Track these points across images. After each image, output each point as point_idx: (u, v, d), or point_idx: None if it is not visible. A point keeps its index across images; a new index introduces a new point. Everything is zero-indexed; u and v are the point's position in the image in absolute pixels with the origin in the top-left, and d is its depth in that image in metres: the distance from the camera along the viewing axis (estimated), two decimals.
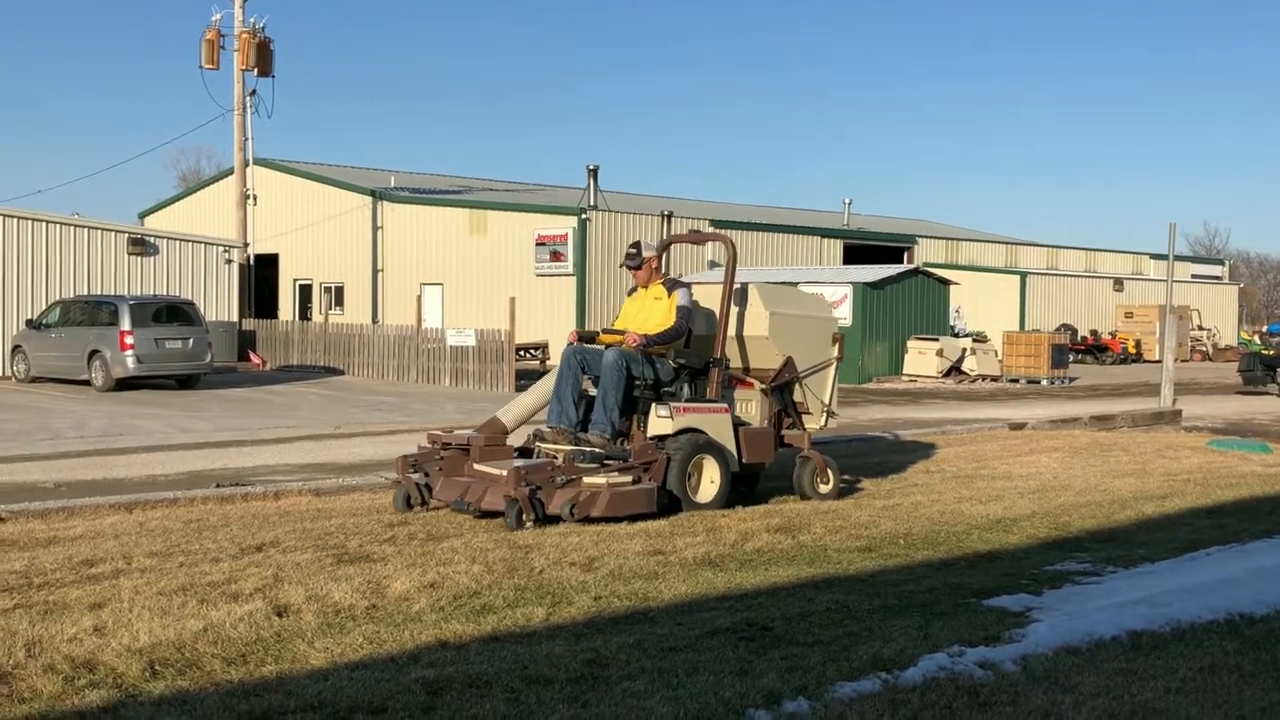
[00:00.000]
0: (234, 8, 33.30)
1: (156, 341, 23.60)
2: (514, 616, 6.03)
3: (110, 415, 18.83)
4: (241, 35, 32.99)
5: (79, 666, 5.08)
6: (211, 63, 33.39)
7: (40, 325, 25.54)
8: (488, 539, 8.06)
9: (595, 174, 37.03)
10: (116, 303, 24.18)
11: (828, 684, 4.87)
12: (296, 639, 5.56)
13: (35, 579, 6.81)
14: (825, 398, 10.64)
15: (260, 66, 33.20)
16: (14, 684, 4.85)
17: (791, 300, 11.14)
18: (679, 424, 9.22)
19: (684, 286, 9.83)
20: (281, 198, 41.39)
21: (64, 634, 5.49)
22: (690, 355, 9.63)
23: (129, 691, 4.82)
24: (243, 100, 33.65)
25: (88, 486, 11.03)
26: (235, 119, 33.89)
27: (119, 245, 29.87)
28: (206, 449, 14.35)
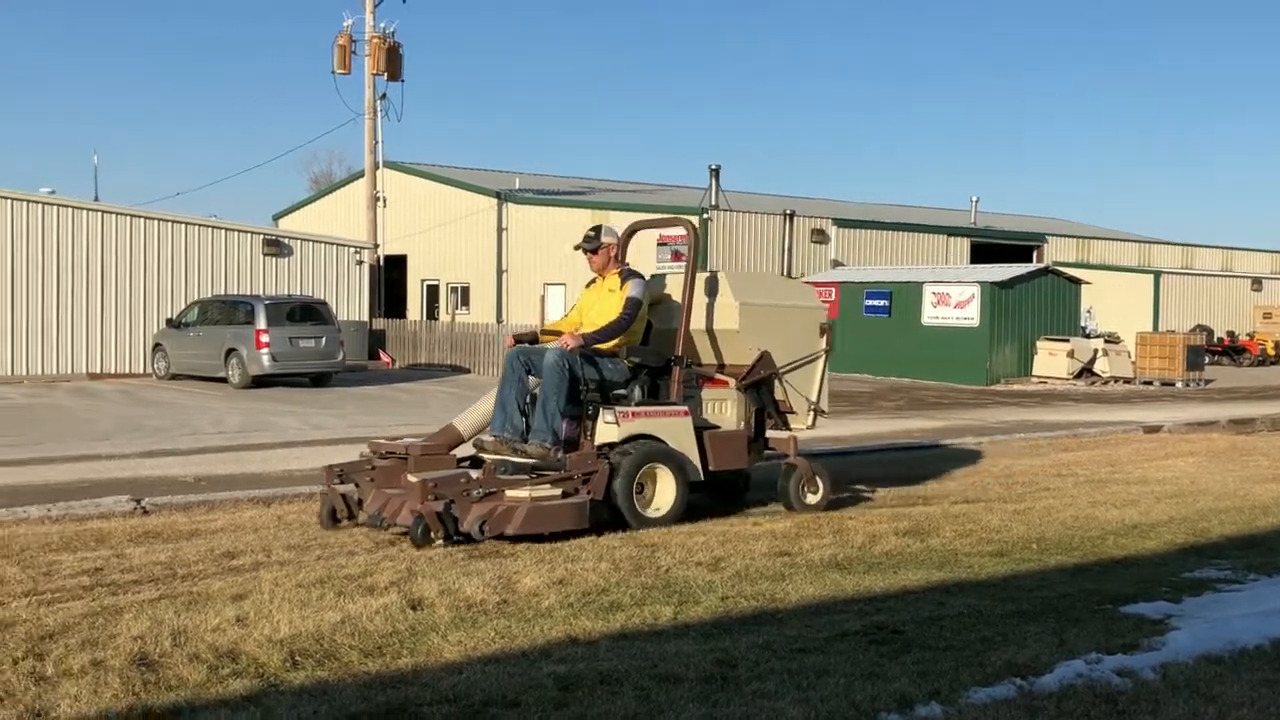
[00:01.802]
0: (365, 13, 34.00)
1: (291, 340, 24.20)
2: (642, 614, 6.06)
3: (246, 412, 19.35)
4: (372, 40, 33.66)
5: (222, 656, 5.25)
6: (343, 68, 34.13)
7: (180, 324, 26.36)
8: (614, 537, 8.12)
9: (717, 173, 36.98)
10: (252, 302, 24.86)
11: (961, 689, 4.81)
12: (430, 632, 5.67)
13: (179, 570, 7.04)
14: (813, 395, 9.82)
15: (390, 71, 33.83)
16: (161, 672, 5.02)
17: (767, 289, 10.34)
18: (627, 430, 8.50)
19: (638, 277, 9.05)
20: (410, 200, 42.13)
21: (208, 624, 5.68)
22: (647, 353, 8.96)
23: (270, 681, 4.96)
24: (373, 104, 34.33)
25: (226, 481, 11.36)
26: (366, 123, 34.58)
27: (254, 246, 30.70)
28: (339, 445, 14.65)
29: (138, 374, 27.81)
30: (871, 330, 31.50)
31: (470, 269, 41.97)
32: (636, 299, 8.83)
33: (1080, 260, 44.31)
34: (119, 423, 17.32)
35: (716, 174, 37.02)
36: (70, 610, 5.96)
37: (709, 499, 9.51)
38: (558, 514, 7.93)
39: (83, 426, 16.62)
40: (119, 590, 6.45)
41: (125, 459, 13.14)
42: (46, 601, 6.16)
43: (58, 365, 27.62)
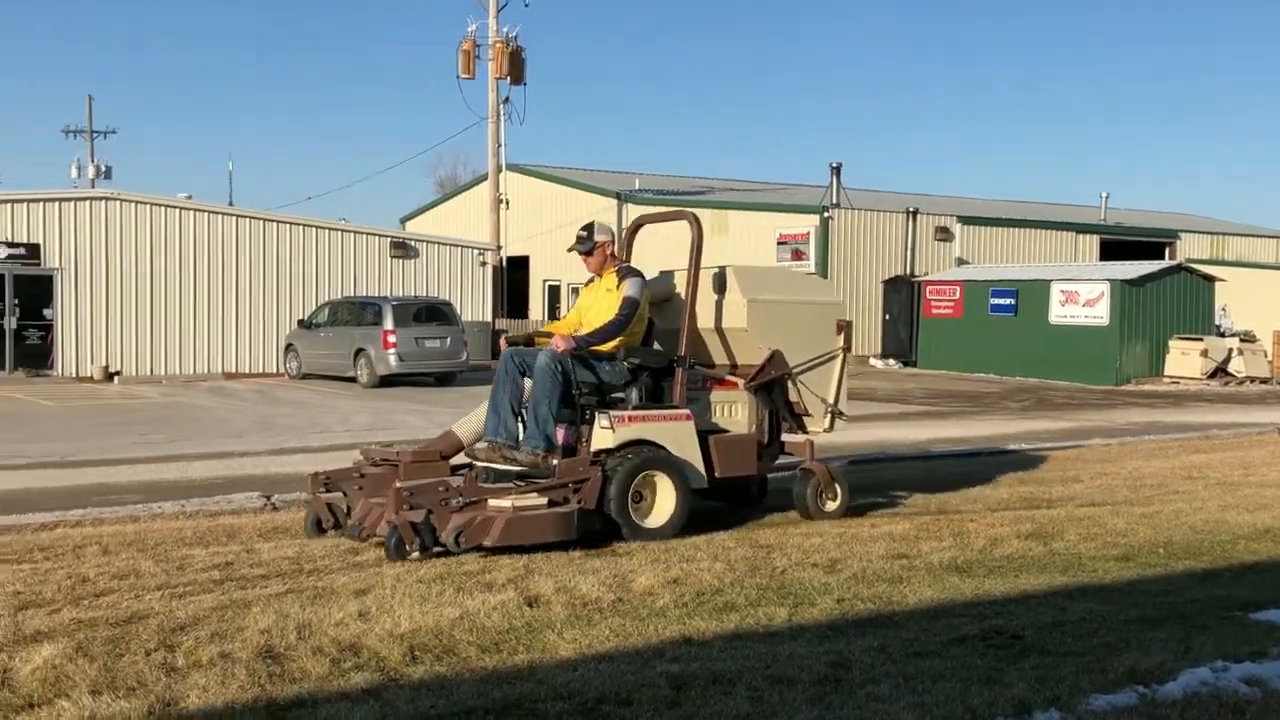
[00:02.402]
0: (488, 18, 34.47)
1: (417, 340, 24.65)
2: (756, 615, 6.06)
3: (374, 410, 19.76)
4: (495, 45, 34.11)
5: (345, 650, 5.38)
6: (468, 72, 34.65)
7: (310, 325, 27.02)
8: (729, 537, 8.13)
9: (838, 171, 36.68)
10: (380, 304, 25.38)
11: (1081, 695, 4.72)
12: (546, 629, 5.74)
13: (305, 565, 7.23)
14: (830, 396, 9.29)
15: (512, 74, 34.24)
16: (286, 664, 5.17)
17: (778, 284, 9.79)
18: (623, 435, 8.03)
19: (637, 275, 8.60)
20: (532, 201, 42.58)
21: (331, 618, 5.82)
22: (648, 354, 8.57)
23: (390, 675, 5.07)
24: (496, 108, 34.79)
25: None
26: (489, 126, 35.07)
27: (382, 249, 31.33)
28: None
29: (271, 374, 28.58)
30: (997, 329, 30.97)
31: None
32: (634, 299, 8.39)
33: (1214, 257, 42.95)
34: (252, 421, 17.83)
35: (838, 171, 36.72)
36: (201, 603, 6.17)
37: (723, 505, 9.31)
38: (541, 524, 7.50)
39: (218, 425, 17.14)
40: (248, 584, 6.65)
41: (257, 456, 13.52)
42: (179, 595, 6.38)
43: (195, 365, 28.51)
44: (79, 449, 14.32)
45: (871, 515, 9.26)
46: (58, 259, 27.55)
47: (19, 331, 27.38)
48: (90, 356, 27.62)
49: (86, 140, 53.19)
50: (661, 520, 8.10)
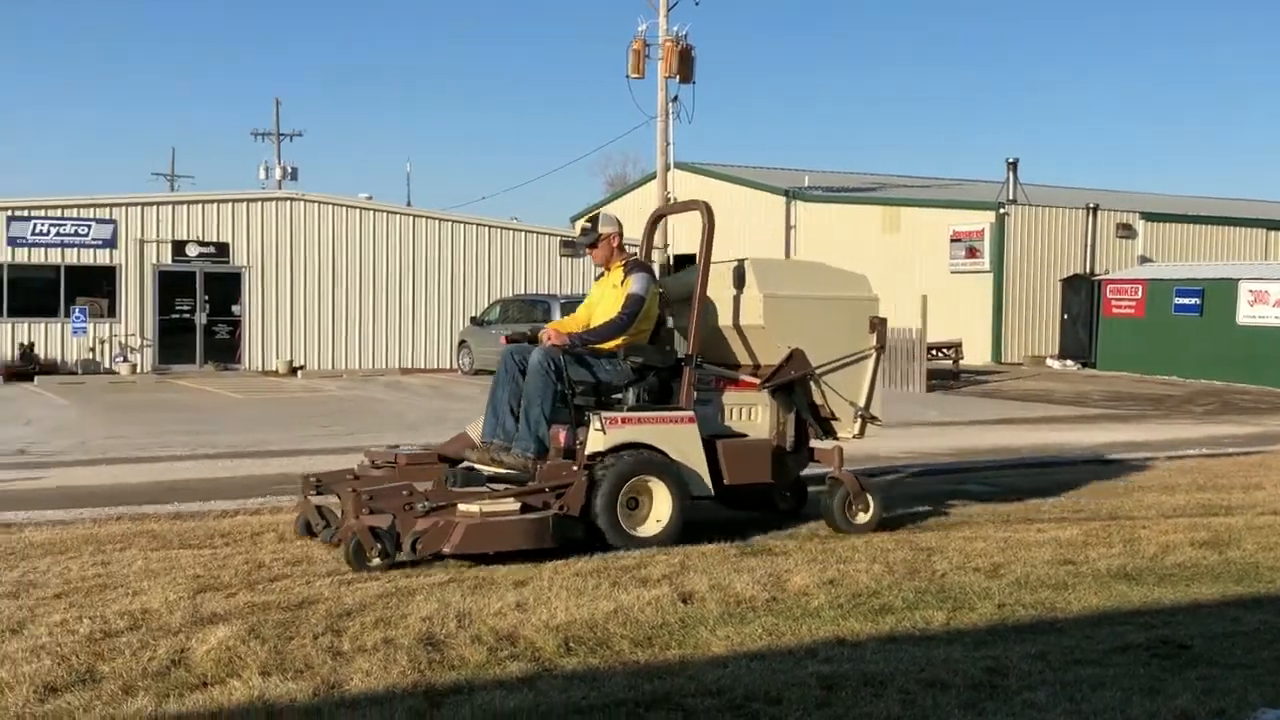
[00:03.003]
0: (658, 17, 34.65)
1: None
2: (913, 618, 5.99)
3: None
4: (665, 44, 34.25)
5: (502, 639, 5.51)
6: (637, 72, 34.86)
7: (483, 322, 27.63)
8: (889, 539, 8.04)
9: (1015, 167, 35.80)
10: (549, 301, 25.81)
11: (1249, 709, 4.55)
12: (699, 626, 5.77)
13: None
14: (860, 399, 8.64)
15: (682, 73, 34.31)
16: (445, 651, 5.32)
17: (802, 278, 9.02)
18: (615, 438, 7.58)
19: (644, 271, 8.20)
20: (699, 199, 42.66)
21: (490, 608, 5.97)
22: (651, 353, 8.09)
23: (544, 665, 5.17)
24: (665, 107, 34.93)
25: None
26: (658, 125, 35.22)
27: (552, 247, 31.84)
28: None
29: (445, 369, 29.32)
30: (1181, 330, 29.84)
31: None
32: (638, 295, 7.99)
33: None
34: (426, 415, 18.31)
35: (1014, 167, 35.86)
36: (367, 590, 6.38)
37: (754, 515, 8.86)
38: (508, 531, 7.07)
39: (394, 418, 17.65)
40: (412, 573, 6.85)
41: None
42: (347, 582, 6.61)
43: (373, 360, 29.43)
44: (264, 440, 14.92)
45: (1038, 521, 9.03)
46: (245, 257, 28.75)
47: (209, 327, 28.68)
48: (275, 351, 28.76)
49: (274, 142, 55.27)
50: (655, 529, 7.63)
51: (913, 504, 9.73)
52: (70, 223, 27.33)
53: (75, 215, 27.45)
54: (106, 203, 27.94)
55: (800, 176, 44.77)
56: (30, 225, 26.92)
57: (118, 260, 27.72)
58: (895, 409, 14.11)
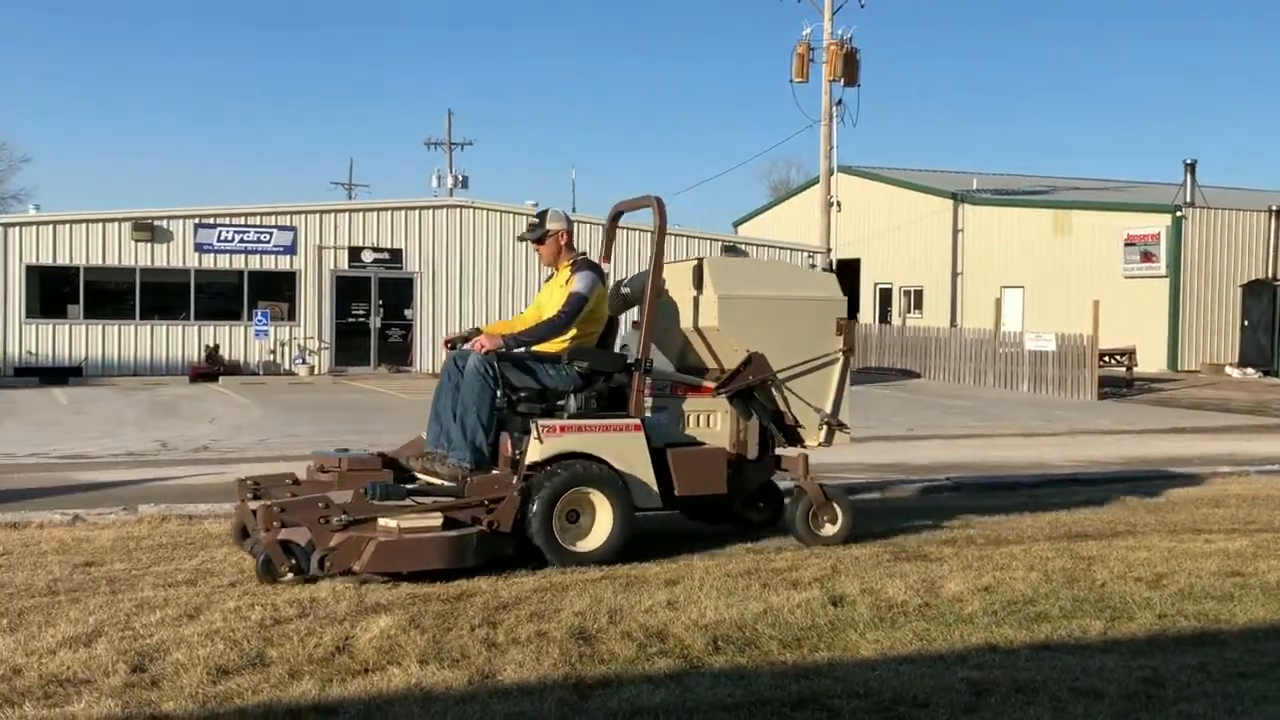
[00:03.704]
0: (823, 21, 34.48)
1: None
2: (1069, 627, 5.89)
3: None
4: (830, 47, 34.06)
5: (651, 635, 5.60)
6: (801, 76, 34.74)
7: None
8: (1049, 547, 7.89)
9: (1192, 169, 34.55)
10: None
11: None
12: (849, 629, 5.78)
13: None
14: (826, 405, 8.13)
15: (846, 76, 34.08)
16: (595, 646, 5.43)
17: (760, 278, 8.51)
18: (553, 448, 7.15)
19: (590, 270, 7.76)
20: (864, 203, 42.29)
21: (641, 605, 6.08)
22: (597, 357, 7.61)
23: (693, 662, 5.24)
24: (829, 111, 34.73)
25: None
26: (822, 129, 35.04)
27: (714, 252, 31.91)
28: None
29: None
30: None
31: (923, 272, 41.56)
32: (580, 294, 7.59)
33: None
34: None
35: (1192, 169, 34.61)
36: (523, 584, 6.55)
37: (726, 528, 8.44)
38: (424, 550, 6.65)
39: None
40: (566, 570, 7.00)
41: None
42: (504, 576, 6.79)
43: None
44: None
45: (1206, 531, 8.74)
46: (417, 263, 29.56)
47: (383, 330, 29.56)
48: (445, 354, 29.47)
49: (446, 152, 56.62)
50: (595, 544, 7.20)
51: (1075, 511, 9.53)
52: (254, 230, 28.47)
53: (258, 223, 28.59)
54: (287, 210, 29.05)
55: (968, 179, 43.97)
56: (216, 232, 28.12)
57: (297, 266, 28.78)
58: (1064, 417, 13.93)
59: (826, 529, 7.95)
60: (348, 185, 66.58)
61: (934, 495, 10.58)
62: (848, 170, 40.33)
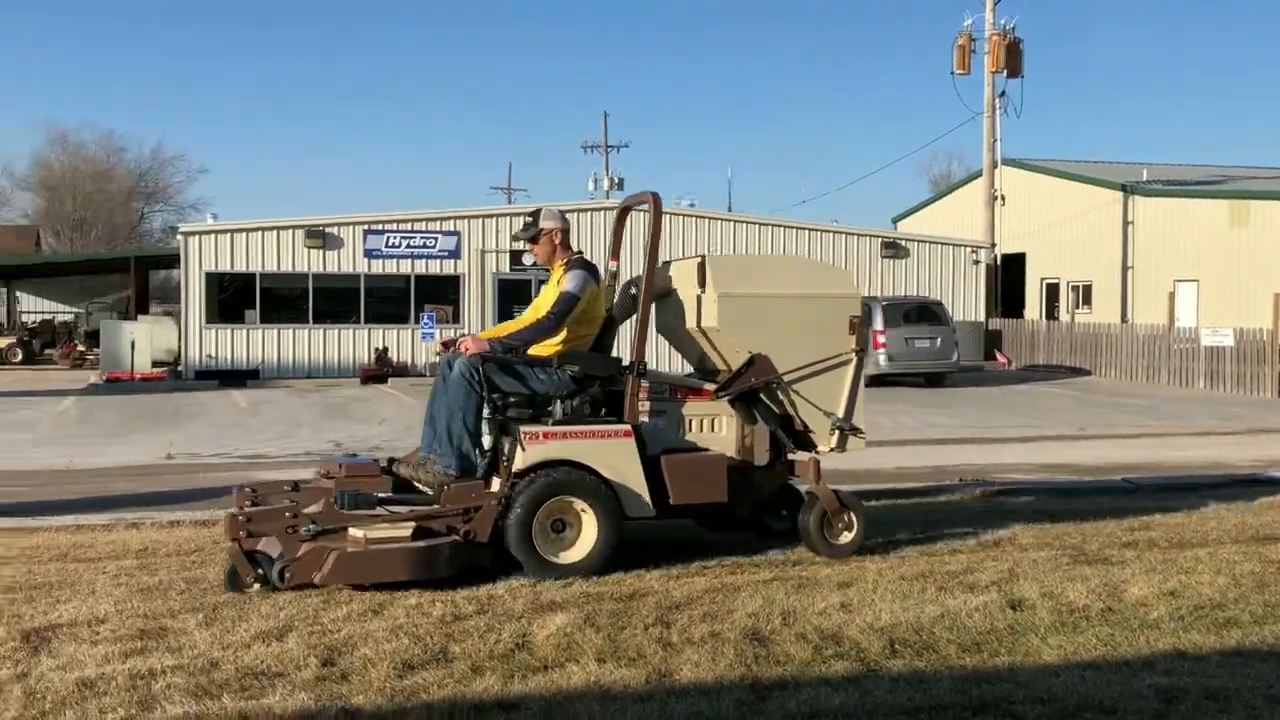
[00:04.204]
0: (985, 11, 33.84)
1: (907, 341, 24.66)
2: (1261, 634, 5.68)
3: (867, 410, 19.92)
4: (992, 38, 33.42)
5: (826, 638, 5.58)
6: (962, 68, 34.19)
7: None
8: (1235, 550, 7.62)
9: None
10: (870, 304, 25.55)
11: None
12: (1029, 633, 5.67)
13: (791, 556, 7.50)
14: (837, 409, 7.70)
15: (1009, 67, 33.41)
16: (770, 647, 5.44)
17: (766, 275, 8.20)
18: (536, 455, 6.89)
19: (582, 269, 7.45)
20: (1028, 197, 41.29)
21: (814, 607, 6.06)
22: (588, 360, 7.30)
23: (870, 665, 5.21)
24: (992, 102, 34.07)
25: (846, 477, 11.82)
26: (984, 121, 34.42)
27: (873, 249, 31.58)
28: (951, 445, 14.77)
29: None
30: None
31: (1092, 266, 40.36)
32: (570, 294, 7.30)
33: None
34: None
35: None
36: (694, 584, 6.59)
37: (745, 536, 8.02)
38: (388, 561, 6.48)
39: None
40: (737, 570, 7.01)
41: None
42: (675, 576, 6.84)
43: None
44: None
45: None
46: None
47: None
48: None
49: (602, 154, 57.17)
50: (579, 555, 6.92)
51: (1261, 513, 9.16)
52: (419, 235, 29.17)
53: (424, 228, 29.29)
54: (451, 216, 29.69)
55: (1137, 170, 42.57)
56: (384, 238, 28.89)
57: (461, 270, 29.39)
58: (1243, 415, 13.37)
59: (843, 537, 7.55)
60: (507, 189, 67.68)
61: (1111, 497, 10.27)
62: (1011, 163, 39.45)
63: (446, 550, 6.62)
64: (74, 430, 17.33)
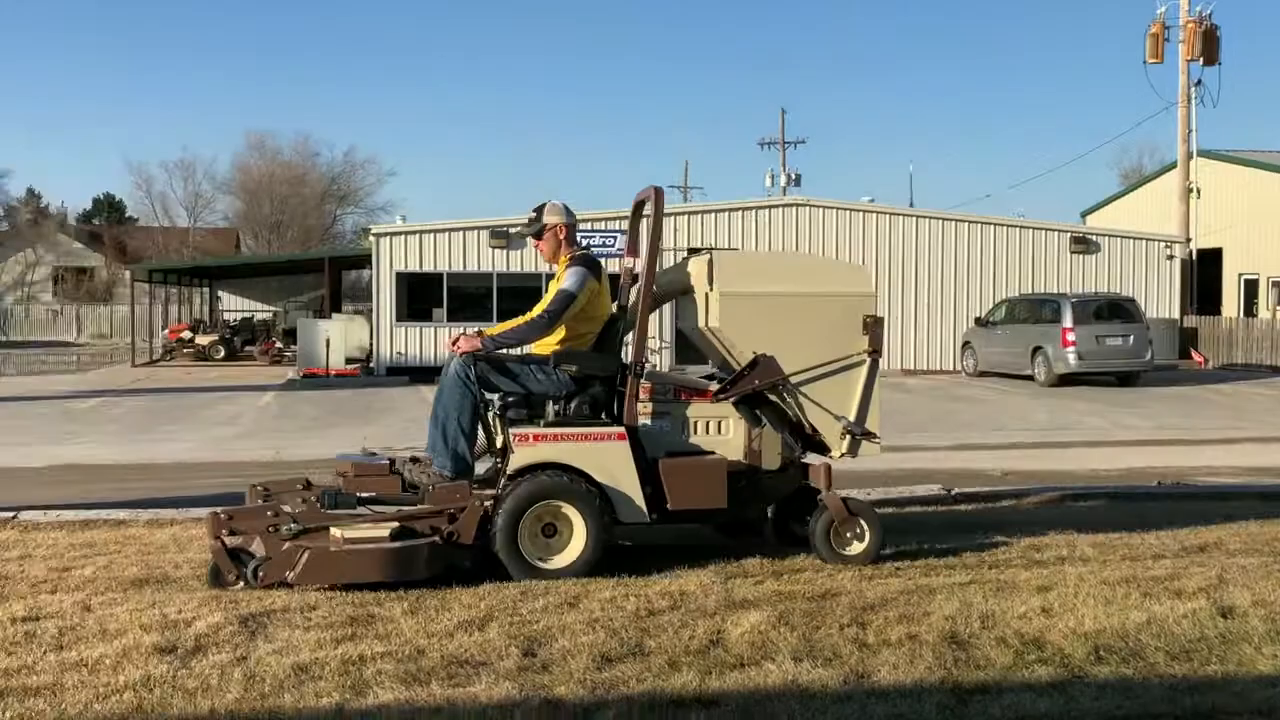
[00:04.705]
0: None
1: (1097, 339, 23.93)
2: None
3: (1052, 409, 19.47)
4: (1187, 25, 32.20)
5: (1027, 643, 5.47)
6: (1155, 57, 33.03)
7: (987, 323, 27.12)
8: None
9: None
10: (1059, 301, 24.92)
11: None
12: (1242, 642, 5.46)
13: (987, 558, 7.36)
14: (849, 412, 7.34)
15: (1206, 55, 32.15)
16: (970, 651, 5.36)
17: (773, 273, 7.90)
18: (526, 458, 6.78)
19: (584, 266, 7.22)
20: (1224, 189, 39.61)
21: (1014, 611, 5.94)
22: (585, 360, 7.11)
23: (1074, 672, 5.09)
24: (1187, 92, 32.83)
25: (1031, 476, 11.57)
26: (1179, 112, 33.17)
27: (1061, 244, 30.73)
28: (1145, 446, 14.29)
29: (947, 370, 29.05)
30: None
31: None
32: (567, 292, 7.09)
33: None
34: (930, 416, 18.29)
35: None
36: (889, 586, 6.52)
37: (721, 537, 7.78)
38: (363, 562, 6.41)
39: (899, 418, 17.74)
40: (931, 572, 6.92)
41: (936, 451, 13.86)
42: (867, 576, 6.77)
43: None
44: None
45: None
46: None
47: None
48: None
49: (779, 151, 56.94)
50: (567, 560, 6.79)
51: None
52: (598, 235, 29.50)
53: (603, 227, 29.62)
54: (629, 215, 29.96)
55: None
56: None
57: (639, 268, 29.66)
58: None
59: (853, 546, 7.23)
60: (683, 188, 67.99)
61: None
62: (1207, 154, 37.92)
63: (425, 552, 6.55)
64: (275, 424, 18.08)
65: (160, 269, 41.40)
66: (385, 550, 6.47)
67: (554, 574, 6.71)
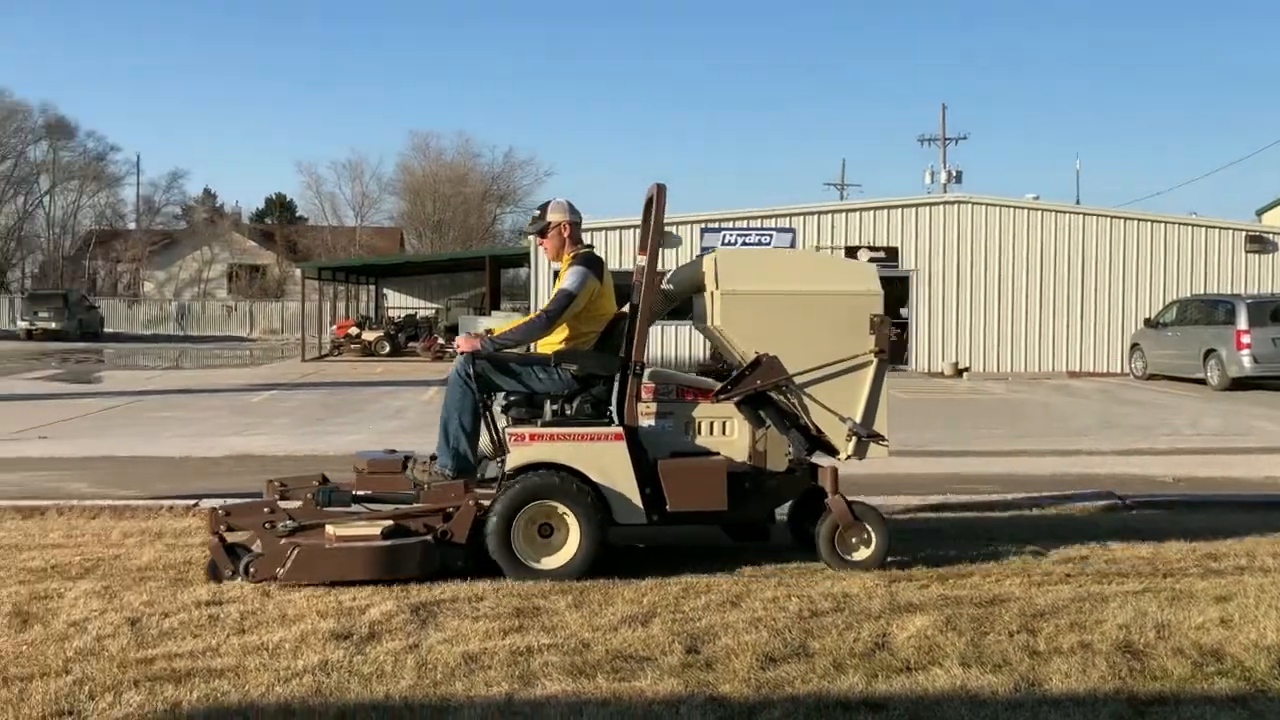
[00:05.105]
0: None
1: (1274, 341, 22.97)
2: None
3: (1225, 414, 18.77)
4: None
5: (1205, 654, 5.30)
6: None
7: (1157, 324, 26.28)
8: None
9: None
10: (1233, 302, 24.01)
11: None
12: None
13: (1160, 567, 7.16)
14: (855, 413, 7.11)
15: None
16: (1145, 661, 5.21)
17: (776, 271, 7.68)
18: (521, 458, 6.75)
19: (586, 265, 7.13)
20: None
21: (1191, 621, 5.77)
22: (586, 359, 7.04)
23: (1257, 685, 4.92)
24: None
25: (1206, 484, 11.18)
26: None
27: (1235, 243, 29.63)
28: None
29: (1114, 373, 28.26)
30: None
31: None
32: (567, 291, 7.03)
33: None
34: (1096, 420, 17.77)
35: None
36: (1059, 593, 6.38)
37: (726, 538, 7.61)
38: (351, 560, 6.43)
39: (1061, 422, 17.29)
40: (1103, 579, 6.74)
41: (1102, 456, 13.49)
42: (1036, 583, 6.64)
43: (1039, 363, 29.01)
44: (932, 440, 15.23)
45: None
46: (913, 261, 29.46)
47: None
48: (941, 353, 29.23)
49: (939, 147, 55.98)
50: (561, 560, 6.71)
51: None
52: (755, 233, 29.49)
53: (759, 225, 29.59)
54: (786, 213, 29.86)
55: None
56: (720, 236, 29.35)
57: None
58: None
59: (858, 552, 7.07)
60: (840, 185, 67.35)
61: None
62: None
63: (417, 551, 6.57)
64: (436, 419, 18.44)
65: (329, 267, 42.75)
66: (374, 548, 6.51)
67: (547, 574, 6.68)
